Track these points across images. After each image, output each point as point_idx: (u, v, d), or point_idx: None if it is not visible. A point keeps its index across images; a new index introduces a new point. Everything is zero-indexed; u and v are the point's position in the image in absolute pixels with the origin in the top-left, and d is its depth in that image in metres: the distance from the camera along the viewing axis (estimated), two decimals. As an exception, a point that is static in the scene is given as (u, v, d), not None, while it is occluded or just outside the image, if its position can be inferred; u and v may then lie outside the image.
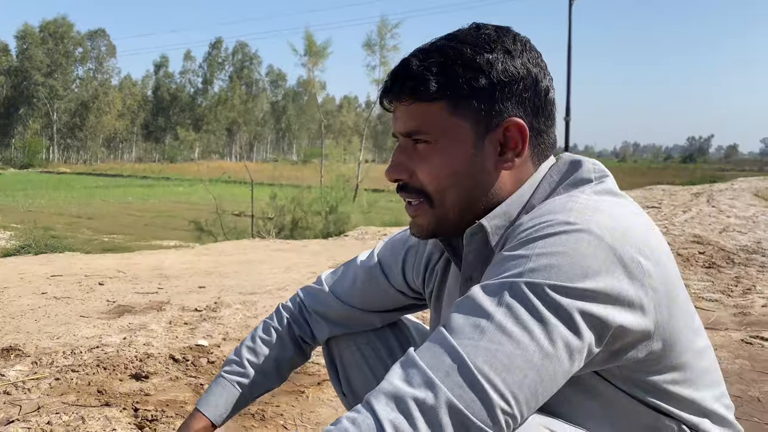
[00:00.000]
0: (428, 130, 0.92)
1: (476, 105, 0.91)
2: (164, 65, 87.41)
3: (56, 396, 2.32)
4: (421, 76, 0.90)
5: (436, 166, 0.93)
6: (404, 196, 0.98)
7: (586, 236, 0.79)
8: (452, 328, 0.78)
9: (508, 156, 0.93)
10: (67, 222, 17.32)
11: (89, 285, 4.33)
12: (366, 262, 1.28)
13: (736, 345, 3.04)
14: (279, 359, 1.32)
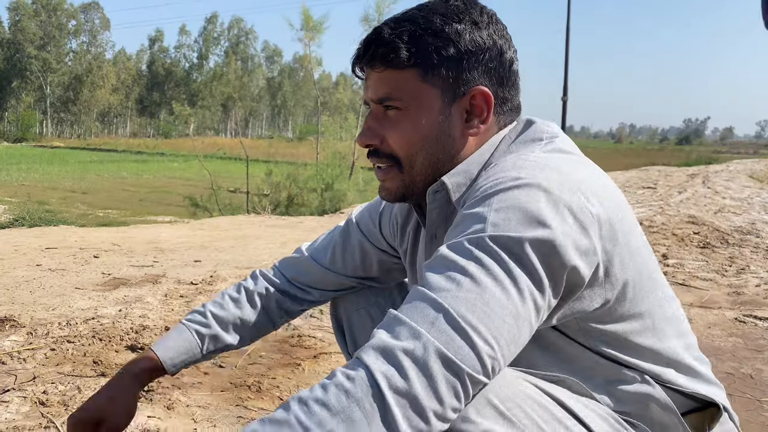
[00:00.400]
0: (399, 96, 0.96)
1: (445, 73, 0.95)
2: (159, 39, 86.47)
3: (52, 366, 2.32)
4: (392, 44, 0.94)
5: (406, 131, 0.97)
6: (375, 161, 1.03)
7: (535, 190, 0.83)
8: (429, 284, 0.80)
9: (474, 122, 0.98)
10: (62, 197, 17.24)
11: (84, 258, 4.32)
12: (345, 227, 1.33)
13: (729, 323, 3.07)
14: (243, 318, 1.31)
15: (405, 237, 1.20)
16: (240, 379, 2.24)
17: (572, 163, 0.92)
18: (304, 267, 1.34)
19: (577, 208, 0.83)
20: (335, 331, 1.42)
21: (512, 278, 0.78)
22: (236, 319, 1.30)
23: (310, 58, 21.18)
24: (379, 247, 1.27)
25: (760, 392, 2.25)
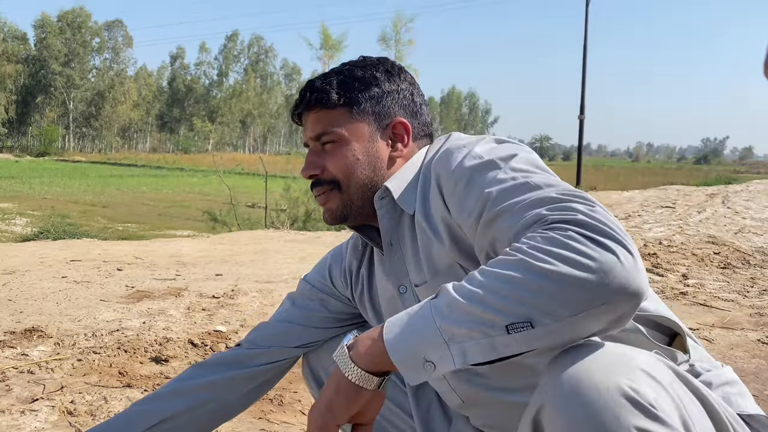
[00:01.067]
0: (333, 131, 1.14)
1: (369, 109, 1.15)
2: (180, 57, 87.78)
3: (79, 376, 2.36)
4: (323, 89, 1.14)
5: (342, 158, 1.13)
6: (317, 191, 1.17)
7: (488, 138, 1.10)
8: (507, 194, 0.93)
9: (398, 146, 1.17)
10: (82, 210, 17.45)
11: (108, 270, 4.39)
12: (298, 289, 1.39)
13: (752, 345, 3.04)
14: (179, 390, 1.26)
15: (359, 279, 1.29)
16: (262, 392, 2.27)
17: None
18: (261, 326, 1.36)
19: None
20: (312, 387, 1.39)
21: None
22: (171, 393, 1.25)
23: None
24: (333, 296, 1.34)
25: (784, 414, 2.23)
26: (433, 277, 1.06)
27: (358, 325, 1.37)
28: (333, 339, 1.35)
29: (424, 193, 1.09)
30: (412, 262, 1.11)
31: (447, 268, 1.04)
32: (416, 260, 1.10)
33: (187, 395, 1.25)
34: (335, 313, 1.35)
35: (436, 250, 1.05)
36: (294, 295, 1.39)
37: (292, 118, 1.22)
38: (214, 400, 1.27)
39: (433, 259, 1.06)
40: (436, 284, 0.99)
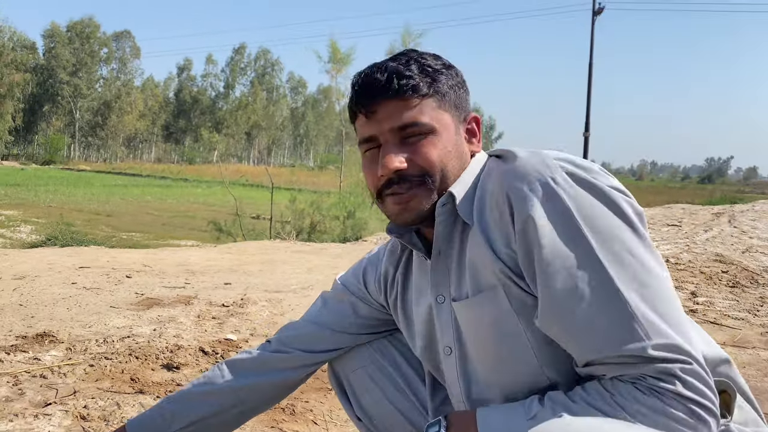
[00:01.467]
0: (423, 122, 1.03)
1: (451, 101, 1.07)
2: (187, 68, 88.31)
3: (91, 382, 2.36)
4: (411, 76, 1.03)
5: (435, 148, 1.04)
6: (396, 188, 1.04)
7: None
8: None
9: (474, 141, 1.11)
10: (86, 218, 17.49)
11: (117, 277, 4.39)
12: (332, 289, 1.36)
13: (764, 364, 3.02)
14: (209, 393, 1.29)
15: (394, 286, 1.24)
16: (274, 401, 2.26)
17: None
18: (292, 326, 1.35)
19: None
20: (338, 393, 1.40)
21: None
22: (202, 395, 1.28)
23: (336, 89, 21.48)
24: (365, 302, 1.30)
25: (800, 433, 2.21)
26: (475, 295, 1.01)
27: (387, 333, 1.35)
28: (358, 345, 1.35)
29: (481, 208, 1.02)
30: (455, 273, 1.06)
31: (491, 287, 0.99)
32: (459, 272, 1.05)
33: (217, 398, 1.28)
34: (365, 319, 1.32)
35: (487, 269, 0.99)
36: (327, 295, 1.36)
37: (353, 108, 1.09)
38: (242, 404, 1.31)
39: (480, 275, 1.01)
40: (476, 303, 1.00)
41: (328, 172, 34.82)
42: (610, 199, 0.93)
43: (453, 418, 0.99)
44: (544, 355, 0.96)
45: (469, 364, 1.05)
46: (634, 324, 0.86)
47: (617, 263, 0.89)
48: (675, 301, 0.90)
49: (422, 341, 1.16)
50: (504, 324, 0.98)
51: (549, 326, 0.92)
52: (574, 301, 0.89)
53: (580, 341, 0.89)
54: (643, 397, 0.85)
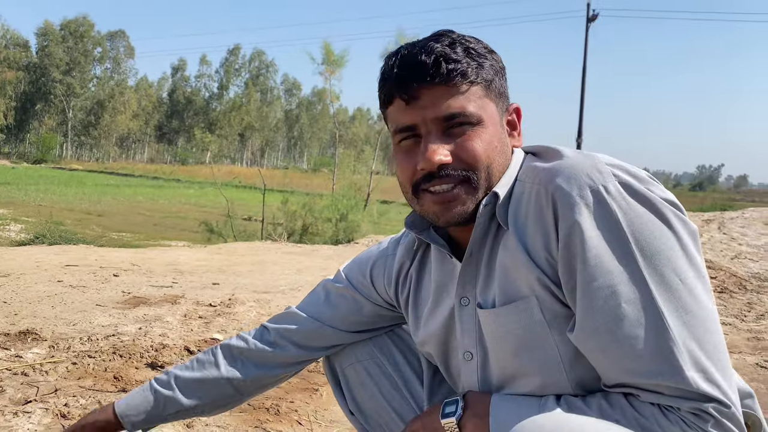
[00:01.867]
0: (471, 111, 0.95)
1: (497, 89, 0.99)
2: (181, 68, 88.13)
3: (73, 380, 2.33)
4: (462, 61, 0.94)
5: (482, 143, 0.95)
6: (441, 182, 0.96)
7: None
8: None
9: (515, 134, 1.03)
10: (77, 218, 17.38)
11: (104, 276, 4.36)
12: (334, 280, 1.30)
13: (751, 369, 3.03)
14: (205, 382, 1.26)
15: (406, 282, 1.18)
16: (258, 401, 2.24)
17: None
18: (292, 318, 1.29)
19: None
20: (332, 386, 1.36)
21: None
22: (197, 383, 1.26)
23: (330, 91, 21.48)
24: (370, 299, 1.25)
25: (785, 438, 2.22)
26: (504, 304, 0.96)
27: (388, 329, 1.31)
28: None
29: (517, 210, 0.95)
30: (483, 276, 1.00)
31: (523, 298, 0.94)
32: (488, 275, 1.00)
33: (212, 386, 1.28)
34: (368, 317, 1.27)
35: (520, 277, 0.94)
36: (329, 288, 1.29)
37: (390, 92, 0.98)
38: (237, 393, 1.31)
39: (511, 283, 0.95)
40: (505, 313, 0.96)
41: (322, 175, 34.81)
42: (663, 215, 0.86)
43: (470, 399, 0.99)
44: (573, 369, 0.92)
45: (490, 370, 1.01)
46: (675, 353, 0.81)
47: (664, 287, 0.84)
48: (719, 335, 0.85)
49: (436, 341, 1.11)
50: (534, 335, 0.93)
51: (584, 341, 0.88)
52: (615, 321, 0.84)
53: (616, 362, 0.85)
54: (666, 423, 0.82)
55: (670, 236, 0.86)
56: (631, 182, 0.88)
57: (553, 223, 0.89)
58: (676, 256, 0.85)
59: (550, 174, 0.92)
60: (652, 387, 0.83)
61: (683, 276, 0.85)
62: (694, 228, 0.89)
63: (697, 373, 0.81)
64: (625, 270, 0.85)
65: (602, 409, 0.86)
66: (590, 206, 0.87)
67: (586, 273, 0.86)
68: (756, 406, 0.97)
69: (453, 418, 0.98)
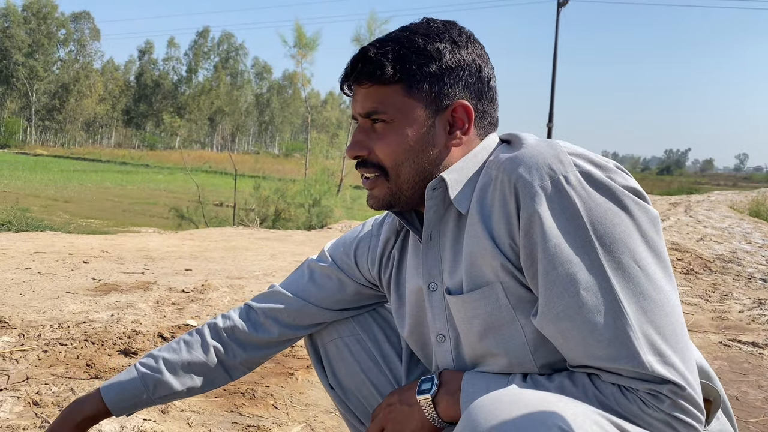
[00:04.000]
0: (385, 110, 1.01)
1: (428, 88, 1.00)
2: (149, 51, 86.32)
3: (45, 368, 2.30)
4: (378, 61, 0.99)
5: (392, 143, 1.02)
6: (363, 171, 1.07)
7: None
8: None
9: (456, 134, 1.03)
10: (43, 204, 17.03)
11: (73, 263, 4.29)
12: (319, 259, 1.32)
13: (714, 347, 3.12)
14: (193, 363, 1.26)
15: (389, 263, 1.21)
16: (233, 386, 2.25)
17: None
18: (277, 297, 1.30)
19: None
20: (313, 363, 1.38)
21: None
22: (186, 364, 1.26)
23: (302, 75, 21.27)
24: (354, 279, 1.27)
25: (746, 413, 2.30)
26: (471, 290, 0.99)
27: (371, 308, 1.34)
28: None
29: (483, 196, 0.98)
30: (449, 261, 1.03)
31: (488, 283, 0.97)
32: (454, 261, 1.03)
33: (203, 368, 1.27)
34: (352, 296, 1.29)
35: (485, 263, 0.96)
36: (314, 267, 1.31)
37: (340, 88, 1.08)
38: (226, 374, 1.31)
39: (477, 269, 0.98)
40: (472, 298, 0.98)
41: (294, 160, 34.58)
42: (622, 203, 0.89)
43: (444, 377, 1.04)
44: (538, 350, 0.96)
45: (462, 351, 1.05)
46: (631, 338, 0.85)
47: (622, 273, 0.86)
48: (677, 317, 0.88)
49: (412, 322, 1.15)
50: (500, 319, 0.97)
51: (546, 327, 0.91)
52: (574, 308, 0.87)
53: (577, 347, 0.88)
54: (625, 402, 0.86)
55: (629, 223, 0.89)
56: (592, 171, 0.91)
57: (515, 212, 0.92)
58: (635, 243, 0.88)
59: (513, 163, 0.94)
60: (612, 369, 0.86)
61: (642, 262, 0.87)
62: (655, 214, 0.91)
63: (653, 356, 0.84)
64: (583, 258, 0.87)
65: (564, 386, 0.89)
66: (550, 196, 0.89)
67: (546, 261, 0.89)
68: (716, 382, 1.01)
69: (428, 394, 1.02)
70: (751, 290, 4.71)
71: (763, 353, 3.01)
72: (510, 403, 0.82)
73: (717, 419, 1.01)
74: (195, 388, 1.28)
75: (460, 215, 1.02)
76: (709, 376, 1.00)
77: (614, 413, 0.85)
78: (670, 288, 0.89)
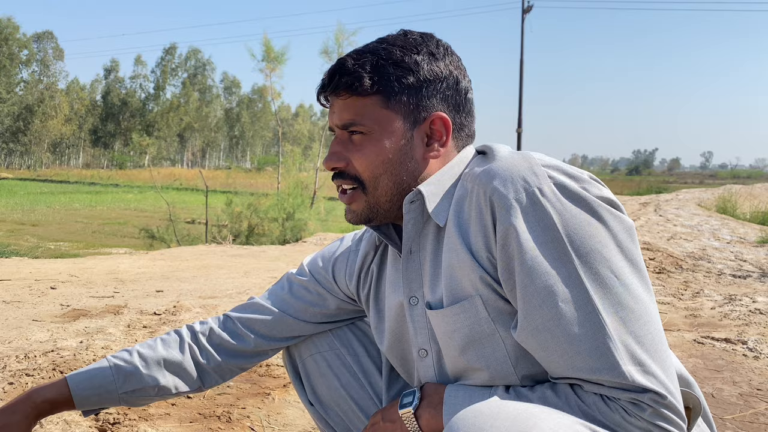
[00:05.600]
0: (363, 122, 1.01)
1: (405, 100, 1.00)
2: (114, 69, 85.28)
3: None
4: (356, 73, 0.99)
5: (370, 155, 1.01)
6: (340, 182, 1.05)
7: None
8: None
9: (434, 146, 1.03)
10: (10, 229, 16.67)
11: (40, 289, 4.18)
12: (298, 273, 1.32)
13: (688, 345, 3.15)
14: (169, 361, 1.24)
15: (367, 278, 1.20)
16: (209, 409, 2.20)
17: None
18: (255, 308, 1.29)
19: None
20: (292, 378, 1.37)
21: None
22: (161, 360, 1.23)
23: (271, 88, 21.19)
24: (332, 293, 1.27)
25: (722, 410, 2.32)
26: (451, 304, 0.98)
27: (349, 321, 1.33)
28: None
29: (459, 209, 0.98)
30: (429, 275, 1.03)
31: (468, 297, 0.96)
32: (434, 275, 1.02)
33: (177, 368, 1.25)
34: (330, 310, 1.28)
35: (464, 277, 0.96)
36: (293, 280, 1.31)
37: (317, 98, 1.08)
38: (198, 380, 1.28)
39: (457, 283, 0.97)
40: (453, 312, 0.97)
41: (266, 174, 34.39)
42: (598, 214, 0.89)
43: (426, 390, 1.03)
44: (519, 363, 0.95)
45: (444, 365, 1.04)
46: (611, 349, 0.84)
47: (600, 284, 0.86)
48: (656, 327, 0.88)
49: (391, 337, 1.13)
50: (480, 332, 0.96)
51: (526, 340, 0.90)
52: (553, 321, 0.87)
53: (557, 359, 0.88)
54: (607, 411, 0.85)
55: (605, 234, 0.88)
56: (566, 182, 0.90)
57: (491, 225, 0.92)
58: (611, 254, 0.88)
59: (487, 176, 0.94)
60: (593, 380, 0.86)
61: (619, 273, 0.87)
62: (630, 223, 0.91)
63: (633, 366, 0.84)
64: (560, 270, 0.87)
65: (546, 397, 0.89)
66: (526, 209, 0.89)
67: (523, 274, 0.88)
68: (696, 389, 1.01)
69: (410, 407, 1.02)
70: (721, 286, 4.78)
71: (736, 349, 3.05)
72: (492, 415, 0.81)
73: (697, 426, 1.01)
74: (166, 389, 1.24)
75: (439, 228, 1.01)
76: (688, 384, 1.00)
77: (597, 423, 0.85)
78: (648, 297, 0.89)
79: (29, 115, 73.32)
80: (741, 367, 2.79)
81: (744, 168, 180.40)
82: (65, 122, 76.20)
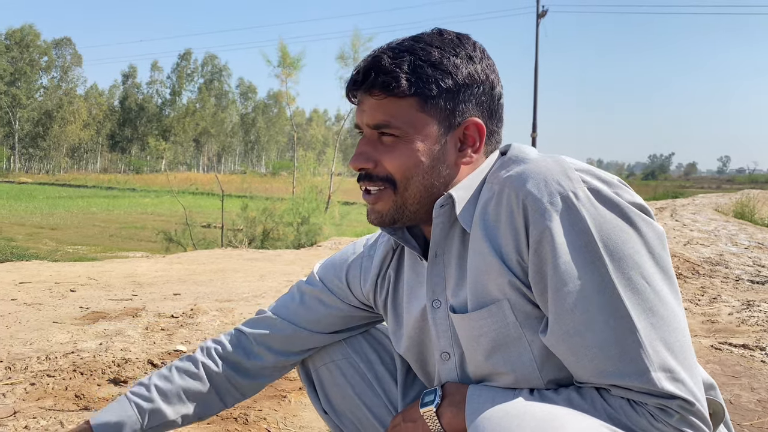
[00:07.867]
0: (397, 124, 0.97)
1: (442, 104, 0.97)
2: (132, 75, 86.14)
3: (32, 401, 2.27)
4: (394, 72, 0.95)
5: (402, 157, 0.98)
6: (366, 184, 1.03)
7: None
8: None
9: (467, 152, 1.01)
10: (29, 232, 16.87)
11: (60, 292, 4.24)
12: (309, 282, 1.30)
13: (706, 351, 3.13)
14: (189, 391, 1.24)
15: (384, 282, 1.19)
16: (226, 411, 2.21)
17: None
18: (268, 322, 1.28)
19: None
20: (306, 388, 1.36)
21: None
22: (180, 391, 1.23)
23: (287, 94, 21.30)
24: (345, 301, 1.25)
25: (740, 417, 2.30)
26: (477, 309, 0.97)
27: (363, 329, 1.33)
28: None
29: (485, 213, 0.96)
30: (454, 278, 1.02)
31: (495, 301, 0.95)
32: (459, 278, 1.01)
33: (197, 396, 1.26)
34: (344, 319, 1.27)
35: (491, 281, 0.95)
36: (304, 290, 1.29)
37: (347, 94, 1.04)
38: (221, 402, 1.30)
39: (483, 287, 0.96)
40: (479, 317, 0.97)
41: (281, 178, 34.58)
42: (631, 219, 0.88)
43: (448, 389, 1.02)
44: (545, 366, 0.95)
45: (467, 368, 1.03)
46: (641, 355, 0.84)
47: (632, 290, 0.86)
48: (685, 334, 0.88)
49: (410, 342, 1.13)
50: (507, 336, 0.95)
51: (555, 344, 0.90)
52: (584, 325, 0.87)
53: (586, 363, 0.88)
54: (634, 415, 0.85)
55: (637, 240, 0.88)
56: (600, 187, 0.90)
57: (523, 228, 0.91)
58: (643, 260, 0.88)
59: (521, 179, 0.92)
60: (621, 385, 0.86)
61: (650, 279, 0.87)
62: (661, 230, 0.91)
63: (663, 373, 0.84)
64: (594, 275, 0.87)
65: (571, 400, 0.89)
66: (560, 212, 0.88)
67: (556, 278, 0.88)
68: (719, 396, 1.01)
69: (432, 406, 1.01)
70: (739, 292, 4.74)
71: (754, 355, 3.03)
72: (518, 415, 0.82)
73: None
74: (189, 416, 1.25)
75: (464, 232, 1.00)
76: (712, 388, 1.00)
77: (623, 427, 0.85)
78: (677, 304, 0.89)
79: (48, 120, 74.22)
80: (759, 374, 2.77)
81: (762, 173, 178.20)
82: (83, 127, 77.02)
